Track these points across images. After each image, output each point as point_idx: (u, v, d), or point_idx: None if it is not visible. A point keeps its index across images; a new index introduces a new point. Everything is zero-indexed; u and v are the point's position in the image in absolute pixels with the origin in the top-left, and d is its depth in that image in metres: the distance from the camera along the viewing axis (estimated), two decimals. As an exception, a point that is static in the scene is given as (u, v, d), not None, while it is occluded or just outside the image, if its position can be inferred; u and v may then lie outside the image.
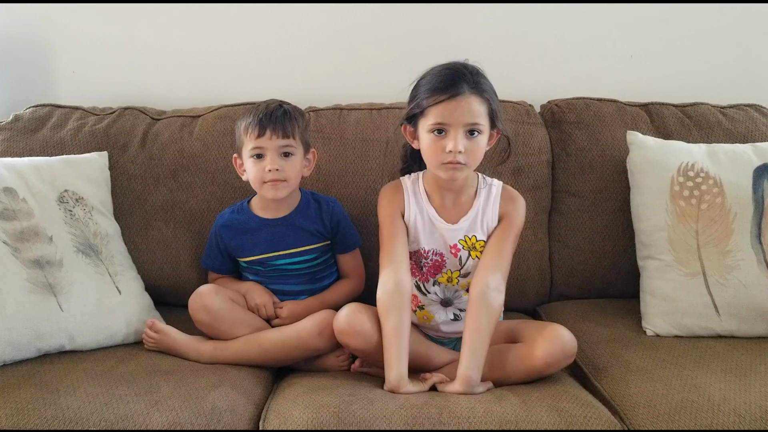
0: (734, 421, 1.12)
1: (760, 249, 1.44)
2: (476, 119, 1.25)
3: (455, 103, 1.23)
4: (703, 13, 1.84)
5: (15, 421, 1.09)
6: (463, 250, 1.36)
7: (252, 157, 1.42)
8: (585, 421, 1.12)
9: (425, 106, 1.26)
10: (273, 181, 1.40)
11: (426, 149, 1.29)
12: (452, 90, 1.24)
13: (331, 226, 1.50)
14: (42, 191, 1.42)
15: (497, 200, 1.36)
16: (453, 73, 1.26)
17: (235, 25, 1.83)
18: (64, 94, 1.83)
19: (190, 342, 1.38)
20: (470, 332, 1.24)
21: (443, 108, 1.24)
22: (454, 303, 1.41)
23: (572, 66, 1.86)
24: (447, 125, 1.25)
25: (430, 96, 1.25)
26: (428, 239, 1.37)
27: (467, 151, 1.25)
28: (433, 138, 1.26)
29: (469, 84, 1.25)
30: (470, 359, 1.22)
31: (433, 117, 1.25)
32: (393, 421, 1.11)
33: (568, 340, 1.25)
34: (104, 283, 1.42)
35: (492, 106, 1.28)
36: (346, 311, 1.29)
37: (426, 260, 1.38)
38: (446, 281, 1.39)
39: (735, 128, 1.68)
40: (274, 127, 1.39)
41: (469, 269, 1.37)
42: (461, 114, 1.24)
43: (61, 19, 1.81)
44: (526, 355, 1.25)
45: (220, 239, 1.52)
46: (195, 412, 1.13)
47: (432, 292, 1.40)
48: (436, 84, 1.26)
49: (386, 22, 1.83)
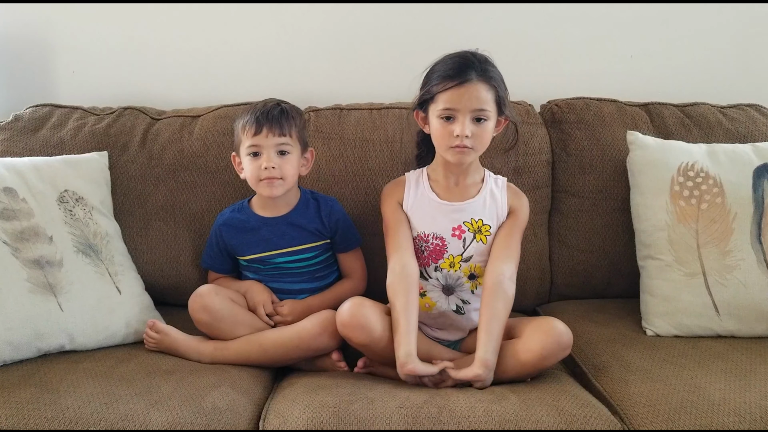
0: (734, 421, 1.12)
1: (760, 249, 1.44)
2: (483, 105, 1.30)
3: (463, 89, 1.29)
4: (703, 13, 1.84)
5: (15, 421, 1.09)
6: (468, 233, 1.38)
7: (249, 155, 1.42)
8: (585, 420, 1.12)
9: (435, 92, 1.32)
10: (269, 178, 1.41)
11: (435, 133, 1.35)
12: (461, 77, 1.29)
13: (330, 225, 1.50)
14: (42, 191, 1.42)
15: (504, 191, 1.42)
16: (462, 61, 1.32)
17: (235, 25, 1.83)
18: (64, 94, 1.83)
19: (191, 342, 1.38)
20: (486, 318, 1.28)
21: (451, 94, 1.29)
22: (456, 291, 1.41)
23: (572, 66, 1.86)
24: (455, 111, 1.30)
25: (440, 83, 1.31)
26: (429, 223, 1.39)
27: (474, 135, 1.30)
28: (442, 123, 1.32)
29: (477, 71, 1.30)
30: (487, 343, 1.24)
31: (442, 103, 1.31)
32: (393, 420, 1.11)
33: (563, 332, 1.25)
34: (104, 283, 1.42)
35: (499, 93, 1.33)
36: (349, 305, 1.29)
37: (426, 244, 1.39)
38: (448, 266, 1.39)
39: (735, 128, 1.68)
40: (271, 126, 1.40)
41: (472, 253, 1.38)
42: (468, 100, 1.29)
43: (61, 19, 1.81)
44: (522, 349, 1.25)
45: (220, 238, 1.52)
46: (195, 412, 1.13)
47: (433, 278, 1.41)
48: (446, 71, 1.31)
49: (386, 22, 1.83)
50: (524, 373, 1.26)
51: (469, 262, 1.39)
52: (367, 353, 1.33)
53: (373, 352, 1.31)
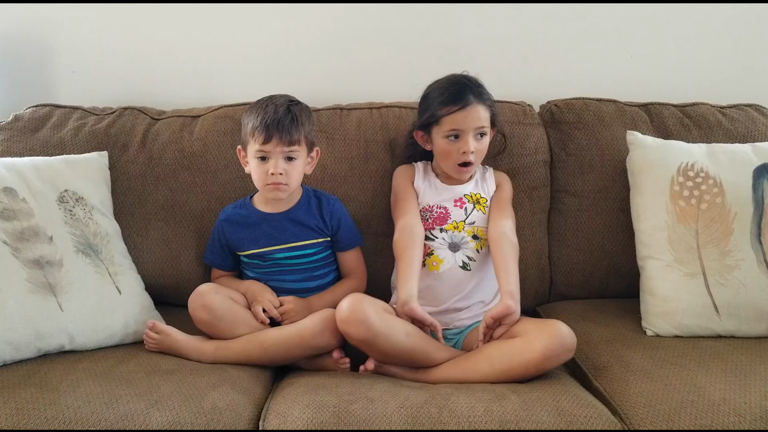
0: (734, 421, 1.12)
1: (760, 249, 1.44)
2: (483, 123, 1.49)
3: (465, 112, 1.47)
4: (703, 13, 1.84)
5: (15, 421, 1.09)
6: (469, 203, 1.55)
7: (256, 159, 1.43)
8: (585, 421, 1.12)
9: (440, 116, 1.48)
10: (275, 183, 1.42)
11: (441, 151, 1.52)
12: (462, 101, 1.47)
13: (331, 224, 1.51)
14: (42, 191, 1.42)
15: (491, 174, 1.62)
16: (459, 86, 1.49)
17: (235, 25, 1.83)
18: (64, 94, 1.83)
19: (192, 342, 1.38)
20: (500, 260, 1.42)
21: (456, 117, 1.47)
22: (461, 248, 1.50)
23: (572, 66, 1.86)
24: (460, 131, 1.48)
25: (444, 107, 1.47)
26: (435, 197, 1.55)
27: (477, 151, 1.49)
28: (448, 142, 1.49)
29: (474, 94, 1.48)
30: (506, 277, 1.38)
31: (448, 125, 1.48)
32: (393, 420, 1.11)
33: (567, 335, 1.26)
34: (104, 283, 1.42)
35: (493, 110, 1.52)
36: (349, 300, 1.30)
37: (431, 213, 1.54)
38: (453, 228, 1.52)
39: (735, 128, 1.68)
40: (281, 136, 1.40)
41: (474, 219, 1.53)
42: (471, 120, 1.47)
43: (61, 19, 1.81)
44: (526, 350, 1.25)
45: (222, 234, 1.53)
46: (195, 412, 1.13)
47: (439, 238, 1.51)
48: (448, 97, 1.48)
49: (386, 22, 1.83)
50: (527, 374, 1.26)
51: (473, 225, 1.52)
52: (367, 350, 1.33)
53: (372, 349, 1.31)
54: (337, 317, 1.31)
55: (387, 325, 1.30)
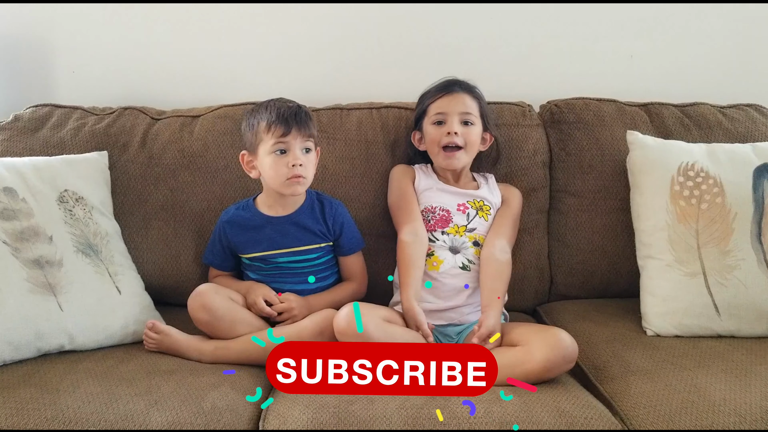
0: (735, 421, 1.12)
1: (760, 249, 1.44)
2: (468, 110, 1.53)
3: (450, 97, 1.53)
4: (703, 13, 1.84)
5: (15, 421, 1.09)
6: (471, 209, 1.54)
7: (274, 153, 1.42)
8: (585, 421, 1.12)
9: (427, 105, 1.54)
10: (295, 176, 1.42)
11: (430, 141, 1.54)
12: (448, 89, 1.53)
13: (333, 228, 1.51)
14: (42, 191, 1.42)
15: (495, 185, 1.61)
16: (449, 81, 1.56)
17: (234, 25, 1.83)
18: (64, 94, 1.83)
19: (192, 342, 1.38)
20: (484, 276, 1.46)
21: (441, 101, 1.53)
22: (461, 251, 1.50)
23: (572, 66, 1.86)
24: (445, 114, 1.52)
25: (431, 98, 1.53)
26: (437, 198, 1.55)
27: (463, 134, 1.51)
28: (434, 128, 1.53)
29: (462, 87, 1.54)
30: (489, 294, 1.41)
31: (434, 110, 1.53)
32: (393, 421, 1.11)
33: (569, 345, 1.25)
34: (104, 282, 1.42)
35: (482, 107, 1.56)
36: (347, 311, 1.29)
37: (433, 215, 1.53)
38: (454, 232, 1.51)
39: (735, 128, 1.68)
40: (300, 127, 1.42)
41: (475, 226, 1.53)
42: (456, 104, 1.52)
43: (61, 19, 1.81)
44: (527, 360, 1.24)
45: (224, 235, 1.52)
46: (195, 412, 1.13)
47: (440, 240, 1.51)
48: (435, 89, 1.55)
49: (386, 23, 1.83)
50: (527, 382, 1.25)
51: (473, 232, 1.52)
52: None
53: None
54: (335, 327, 1.29)
55: (386, 335, 1.29)
